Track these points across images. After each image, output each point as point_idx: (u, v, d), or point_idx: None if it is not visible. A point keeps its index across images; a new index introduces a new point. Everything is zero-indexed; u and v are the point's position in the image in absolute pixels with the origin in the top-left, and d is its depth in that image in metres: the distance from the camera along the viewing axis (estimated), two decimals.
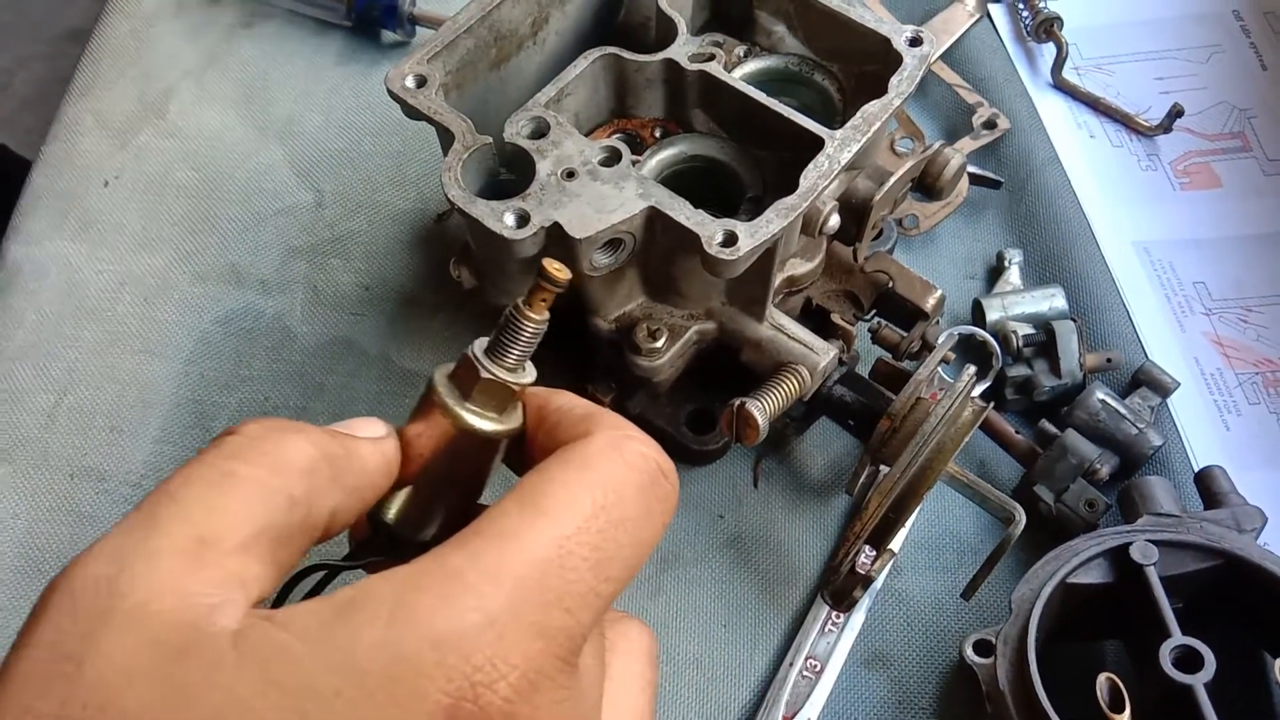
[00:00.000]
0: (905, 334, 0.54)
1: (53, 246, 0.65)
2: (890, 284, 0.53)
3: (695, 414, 0.55)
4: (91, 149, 0.69)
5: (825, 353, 0.48)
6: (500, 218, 0.42)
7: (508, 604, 0.25)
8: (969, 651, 0.48)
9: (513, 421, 0.32)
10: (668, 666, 0.52)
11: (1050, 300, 0.59)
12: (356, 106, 0.70)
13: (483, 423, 0.31)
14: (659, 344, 0.48)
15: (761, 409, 0.45)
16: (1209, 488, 0.52)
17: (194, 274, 0.64)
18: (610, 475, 0.28)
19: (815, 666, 0.51)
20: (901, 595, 0.54)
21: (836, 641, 0.52)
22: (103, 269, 0.64)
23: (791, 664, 0.51)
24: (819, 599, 0.53)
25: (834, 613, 0.52)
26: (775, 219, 0.42)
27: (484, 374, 0.31)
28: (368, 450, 0.29)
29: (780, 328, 0.49)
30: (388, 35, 0.72)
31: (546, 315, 0.31)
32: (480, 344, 0.31)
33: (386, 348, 0.61)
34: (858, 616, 0.53)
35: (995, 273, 0.62)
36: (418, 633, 0.24)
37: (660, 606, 0.54)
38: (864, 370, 0.54)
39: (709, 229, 0.42)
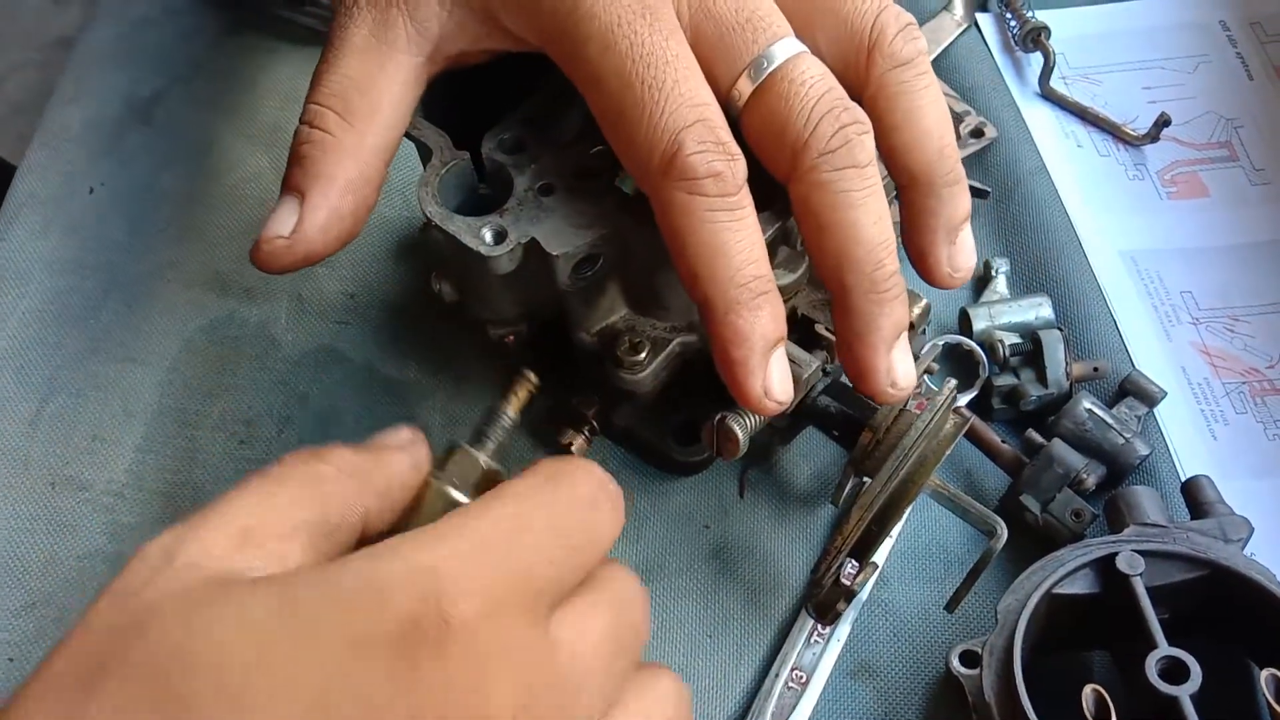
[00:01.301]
0: None
1: (37, 252, 0.65)
2: None
3: (681, 425, 0.55)
4: (77, 155, 0.69)
5: (808, 364, 0.48)
6: (477, 234, 0.42)
7: (473, 549, 0.29)
8: (955, 662, 0.48)
9: None
10: None
11: (1037, 309, 0.59)
12: None
13: (453, 492, 0.34)
14: (641, 357, 0.48)
15: (742, 424, 0.45)
16: (1195, 498, 0.52)
17: (178, 281, 0.64)
18: (561, 470, 0.33)
19: (801, 678, 0.51)
20: (887, 606, 0.54)
21: (822, 653, 0.52)
22: (87, 276, 0.64)
23: (777, 675, 0.51)
24: (804, 610, 0.52)
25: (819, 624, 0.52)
26: None
27: (461, 447, 0.35)
28: (394, 456, 0.34)
29: None
30: None
31: (517, 414, 0.37)
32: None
33: (371, 356, 0.61)
34: (843, 628, 0.52)
35: (982, 282, 0.62)
36: (394, 560, 0.29)
37: None
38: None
39: None
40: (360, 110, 0.43)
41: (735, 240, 0.41)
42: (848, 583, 0.46)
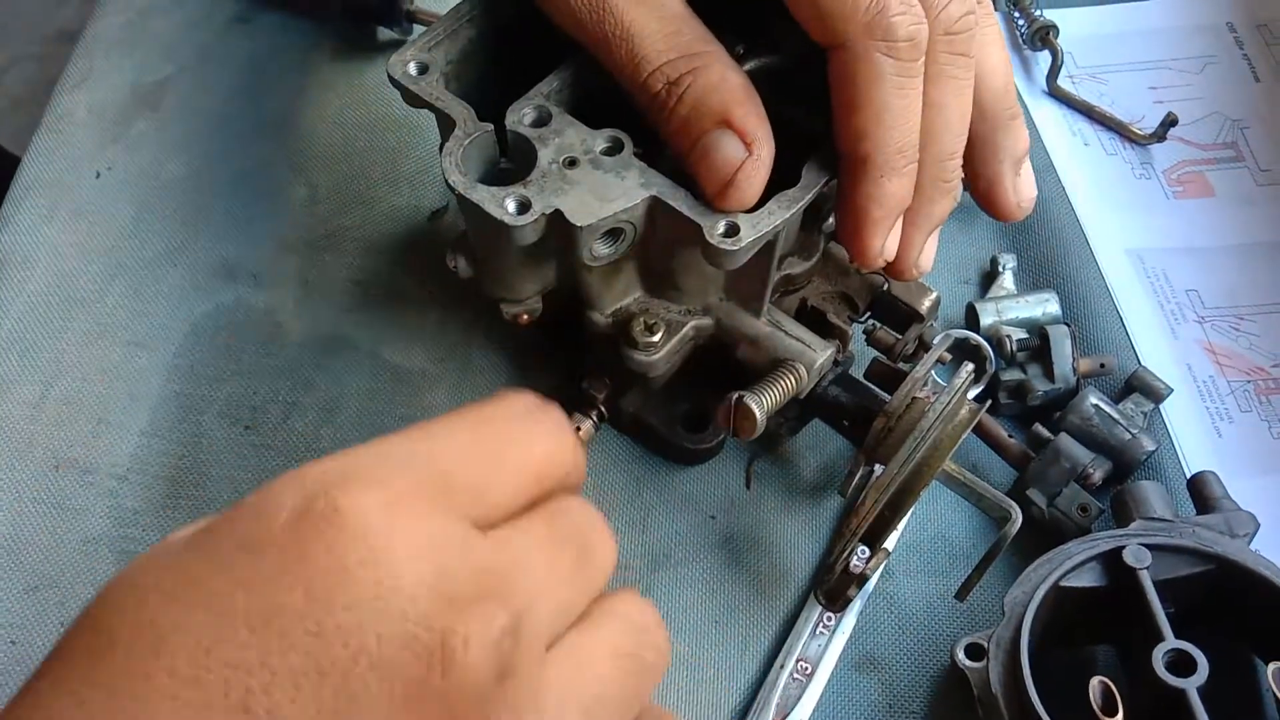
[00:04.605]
0: (900, 336, 0.54)
1: (42, 236, 0.64)
2: (886, 285, 0.53)
3: (689, 413, 0.55)
4: (84, 140, 0.68)
5: (822, 350, 0.48)
6: (501, 203, 0.42)
7: (379, 453, 0.30)
8: (960, 655, 0.48)
9: None
10: None
11: (1044, 305, 0.59)
12: (351, 102, 0.70)
13: None
14: (656, 338, 0.48)
15: (759, 403, 0.45)
16: (1202, 493, 0.52)
17: (185, 266, 0.64)
18: (491, 398, 0.33)
19: (806, 669, 0.51)
20: (892, 598, 0.54)
21: (827, 644, 0.52)
22: (93, 260, 0.64)
23: (782, 666, 0.51)
24: (810, 600, 0.52)
25: (825, 615, 0.52)
26: (778, 210, 0.42)
27: None
28: None
29: (777, 324, 0.49)
30: (383, 33, 0.72)
31: None
32: None
33: (378, 344, 0.61)
34: (848, 620, 0.52)
35: (989, 278, 0.62)
36: (292, 472, 0.29)
37: None
38: (857, 373, 0.53)
39: (711, 219, 0.42)
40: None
41: (911, 108, 0.42)
42: (858, 569, 0.46)
